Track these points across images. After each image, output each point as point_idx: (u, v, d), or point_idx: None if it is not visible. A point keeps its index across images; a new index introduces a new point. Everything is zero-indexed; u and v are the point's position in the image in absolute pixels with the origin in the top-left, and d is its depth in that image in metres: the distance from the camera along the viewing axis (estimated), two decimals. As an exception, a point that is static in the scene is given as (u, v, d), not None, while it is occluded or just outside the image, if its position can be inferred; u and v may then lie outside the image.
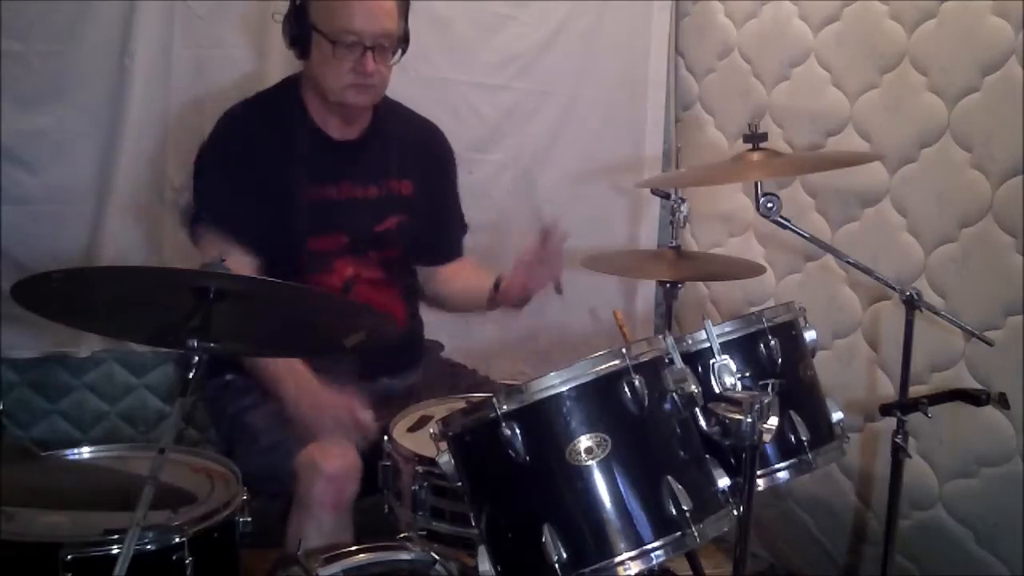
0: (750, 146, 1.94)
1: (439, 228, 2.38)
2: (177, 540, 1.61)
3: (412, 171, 2.25)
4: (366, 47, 2.01)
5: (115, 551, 1.52)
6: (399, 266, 2.28)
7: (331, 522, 1.92)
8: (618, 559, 1.34)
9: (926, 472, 2.27)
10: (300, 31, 2.05)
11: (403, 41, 2.10)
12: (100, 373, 2.72)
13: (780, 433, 1.61)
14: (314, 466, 1.91)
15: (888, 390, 2.33)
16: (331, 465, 1.91)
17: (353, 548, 1.82)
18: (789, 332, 1.75)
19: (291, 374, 1.99)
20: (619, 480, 1.36)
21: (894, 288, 1.94)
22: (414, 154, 2.28)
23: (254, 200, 2.07)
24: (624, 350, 1.41)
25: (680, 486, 1.37)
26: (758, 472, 1.54)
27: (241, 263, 1.95)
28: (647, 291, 3.08)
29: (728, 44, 2.83)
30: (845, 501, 2.50)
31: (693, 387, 1.42)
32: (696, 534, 1.36)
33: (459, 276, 2.39)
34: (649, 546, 1.35)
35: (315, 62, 2.07)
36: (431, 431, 1.48)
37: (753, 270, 2.37)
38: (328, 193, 2.14)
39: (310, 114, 2.17)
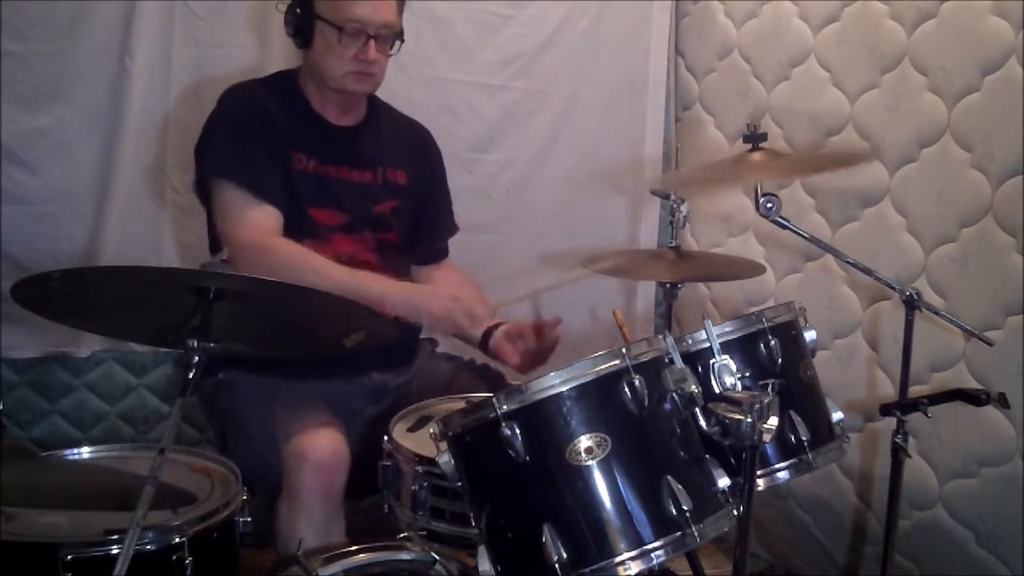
0: (750, 146, 1.94)
1: (428, 225, 2.39)
2: (177, 540, 1.61)
3: (404, 162, 2.33)
4: (369, 36, 2.11)
5: (115, 551, 1.52)
6: (394, 252, 2.29)
7: (321, 513, 1.91)
8: (618, 559, 1.34)
9: (926, 472, 2.27)
10: (304, 20, 2.13)
11: (399, 35, 2.20)
12: (100, 373, 2.73)
13: (780, 433, 1.62)
14: (301, 455, 1.90)
15: (888, 390, 2.33)
16: (318, 453, 1.90)
17: (353, 548, 1.82)
18: (789, 332, 1.75)
19: (372, 280, 2.04)
20: (619, 480, 1.36)
21: (894, 288, 1.94)
22: (405, 148, 2.36)
23: (264, 162, 2.14)
24: (624, 350, 1.41)
25: (680, 486, 1.37)
26: (758, 472, 1.54)
27: (269, 215, 2.08)
28: (647, 291, 3.08)
29: (728, 44, 2.83)
30: (845, 501, 2.50)
31: (693, 387, 1.42)
32: (696, 534, 1.36)
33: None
34: (649, 546, 1.35)
35: (318, 50, 2.15)
36: (431, 431, 1.48)
37: (753, 270, 2.37)
38: (327, 171, 2.21)
39: (309, 100, 2.23)
